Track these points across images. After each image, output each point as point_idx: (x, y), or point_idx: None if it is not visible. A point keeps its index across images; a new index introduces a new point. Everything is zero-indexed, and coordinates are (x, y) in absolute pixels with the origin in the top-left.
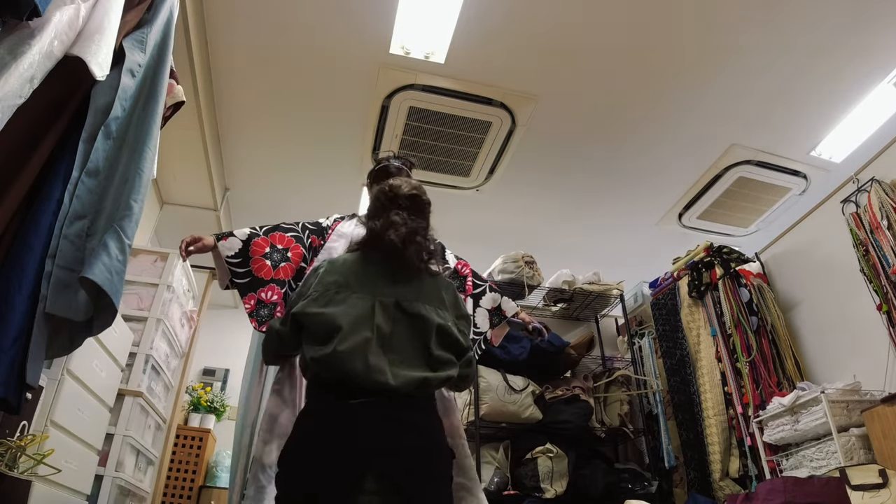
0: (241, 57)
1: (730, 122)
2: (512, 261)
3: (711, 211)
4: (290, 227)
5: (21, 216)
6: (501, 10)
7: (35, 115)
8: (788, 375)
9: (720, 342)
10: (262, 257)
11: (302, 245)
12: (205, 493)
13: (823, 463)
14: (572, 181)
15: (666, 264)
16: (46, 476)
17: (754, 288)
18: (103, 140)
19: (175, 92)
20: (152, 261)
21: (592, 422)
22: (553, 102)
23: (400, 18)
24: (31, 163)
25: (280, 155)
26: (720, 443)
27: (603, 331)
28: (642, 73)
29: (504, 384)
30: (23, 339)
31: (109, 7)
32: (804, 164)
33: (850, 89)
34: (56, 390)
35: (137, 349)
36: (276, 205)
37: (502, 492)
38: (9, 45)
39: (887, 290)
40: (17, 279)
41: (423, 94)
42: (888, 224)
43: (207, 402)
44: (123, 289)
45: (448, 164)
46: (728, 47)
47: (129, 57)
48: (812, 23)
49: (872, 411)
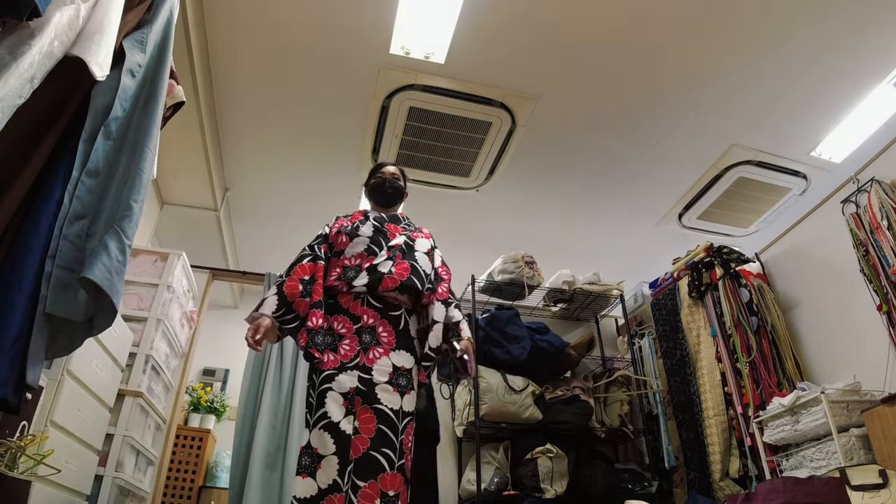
0: (241, 57)
1: (730, 123)
2: (512, 261)
3: (711, 211)
4: (302, 254)
5: (21, 216)
6: (501, 11)
7: (35, 115)
8: (788, 376)
9: (720, 342)
10: (301, 297)
11: (321, 260)
12: (205, 493)
13: (823, 463)
14: (572, 181)
15: (666, 264)
16: (46, 476)
17: (754, 288)
18: (103, 140)
19: (175, 92)
20: (152, 261)
21: (592, 422)
22: (553, 102)
23: (400, 18)
24: (31, 163)
25: (280, 155)
26: (720, 443)
27: (603, 331)
28: (642, 73)
29: (504, 384)
30: (23, 339)
31: (109, 7)
32: (804, 164)
33: (850, 89)
34: (56, 390)
35: (137, 349)
36: (276, 205)
37: (502, 492)
38: (9, 46)
39: (887, 291)
40: (17, 279)
41: (423, 95)
42: (888, 224)
43: (207, 403)
44: (123, 289)
45: (448, 164)
46: (728, 48)
47: (129, 57)
48: (812, 23)
49: (872, 411)
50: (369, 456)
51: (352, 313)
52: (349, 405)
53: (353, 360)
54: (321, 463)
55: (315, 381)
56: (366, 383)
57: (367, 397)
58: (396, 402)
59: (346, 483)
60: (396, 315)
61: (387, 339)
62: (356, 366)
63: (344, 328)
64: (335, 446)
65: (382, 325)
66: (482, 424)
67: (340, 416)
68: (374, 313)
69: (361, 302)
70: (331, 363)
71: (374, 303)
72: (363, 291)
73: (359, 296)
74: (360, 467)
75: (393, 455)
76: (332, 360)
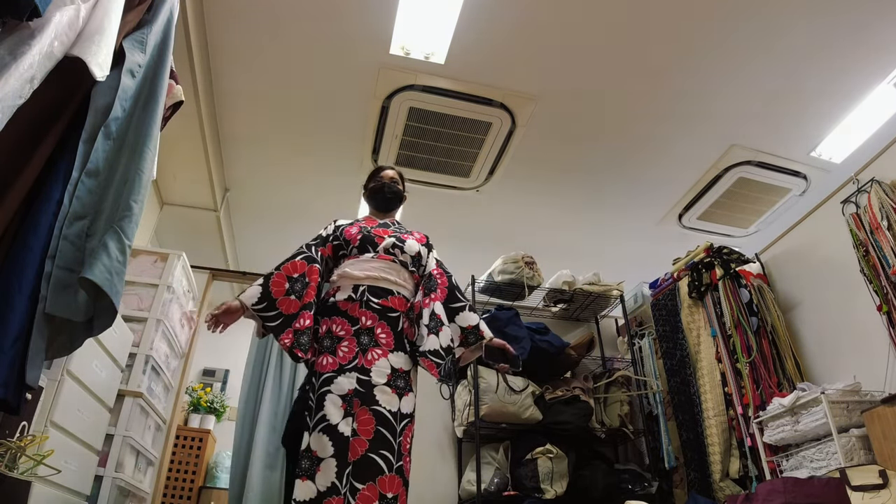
0: (241, 57)
1: (730, 123)
2: (512, 261)
3: (711, 211)
4: (298, 252)
5: (21, 217)
6: (501, 11)
7: (35, 115)
8: (788, 376)
9: (720, 343)
10: (286, 295)
11: (316, 263)
12: (205, 493)
13: (823, 464)
14: (572, 182)
15: (666, 265)
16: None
17: (754, 288)
18: (103, 140)
19: (175, 92)
20: (152, 261)
21: (592, 422)
22: (553, 103)
23: (400, 19)
24: (31, 163)
25: (280, 155)
26: (720, 443)
27: (603, 331)
28: (642, 73)
29: (504, 385)
30: (23, 339)
31: (109, 7)
32: (804, 164)
33: (850, 89)
34: (56, 391)
35: (137, 350)
36: (276, 205)
37: (502, 492)
38: (9, 46)
39: (887, 291)
40: (17, 280)
41: (423, 95)
42: (888, 224)
43: (207, 403)
44: (123, 289)
45: (448, 164)
46: (728, 48)
47: (129, 57)
48: (812, 23)
49: (872, 412)
50: (368, 458)
51: (350, 315)
52: (347, 407)
53: (351, 361)
54: (320, 465)
55: (315, 384)
56: (364, 385)
57: (365, 399)
58: (395, 404)
59: (344, 485)
60: (394, 317)
61: (385, 341)
62: (354, 367)
63: (342, 330)
64: (333, 448)
65: (381, 327)
66: (482, 425)
67: (339, 417)
68: (373, 315)
69: (360, 304)
70: (329, 365)
71: (372, 305)
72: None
73: (357, 299)
74: (359, 470)
75: (391, 457)
76: (331, 363)
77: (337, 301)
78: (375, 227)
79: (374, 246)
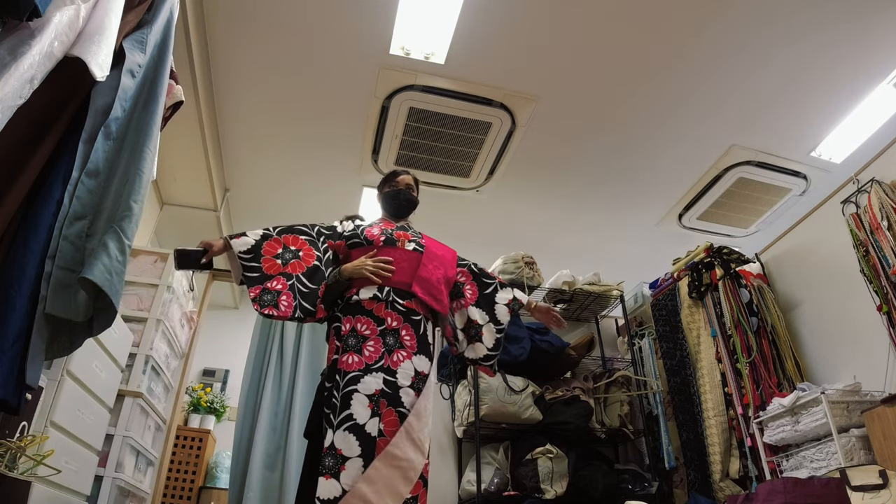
0: (241, 57)
1: (730, 123)
2: (512, 261)
3: (711, 212)
4: (305, 230)
5: (21, 217)
6: (501, 11)
7: (35, 115)
8: (789, 376)
9: (720, 343)
10: (274, 258)
11: (316, 249)
12: (205, 493)
13: (824, 464)
14: (572, 182)
15: (666, 265)
16: (46, 477)
17: (754, 288)
18: (103, 141)
19: (174, 92)
20: (152, 261)
21: (592, 422)
22: (553, 103)
23: (400, 19)
24: (31, 163)
25: (280, 155)
26: (720, 443)
27: (603, 331)
28: (642, 73)
29: (504, 385)
30: (23, 339)
31: (109, 8)
32: (804, 164)
33: (850, 89)
34: (56, 391)
35: (137, 350)
36: (276, 205)
37: (502, 492)
38: (9, 46)
39: (887, 291)
40: (17, 279)
41: (423, 95)
42: (888, 225)
43: (207, 403)
44: (123, 289)
45: (448, 164)
46: (728, 48)
47: (129, 58)
48: (812, 23)
49: (873, 412)
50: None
51: (376, 315)
52: (374, 406)
53: (377, 361)
54: (345, 464)
55: (339, 383)
56: (391, 386)
57: (392, 400)
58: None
59: None
60: (417, 320)
61: (409, 343)
62: (381, 368)
63: (368, 329)
64: (360, 448)
65: (405, 329)
66: (482, 425)
67: (366, 417)
68: (398, 316)
69: (386, 304)
70: (355, 364)
71: (398, 307)
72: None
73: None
74: None
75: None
76: (357, 362)
77: (361, 300)
78: (395, 230)
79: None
